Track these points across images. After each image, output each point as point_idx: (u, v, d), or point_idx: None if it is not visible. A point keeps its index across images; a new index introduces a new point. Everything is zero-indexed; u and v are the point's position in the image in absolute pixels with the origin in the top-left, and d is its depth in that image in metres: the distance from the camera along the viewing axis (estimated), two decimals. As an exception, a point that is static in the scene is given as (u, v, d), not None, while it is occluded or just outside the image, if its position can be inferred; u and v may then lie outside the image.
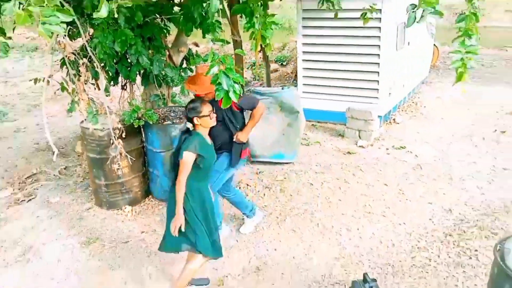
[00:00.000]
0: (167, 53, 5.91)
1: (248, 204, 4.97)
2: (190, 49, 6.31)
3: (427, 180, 5.95)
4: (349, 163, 6.55)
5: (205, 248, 3.72)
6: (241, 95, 3.70)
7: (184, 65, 6.37)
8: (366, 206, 5.39)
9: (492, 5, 19.32)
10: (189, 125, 3.80)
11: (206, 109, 3.72)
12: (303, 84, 8.23)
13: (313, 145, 7.28)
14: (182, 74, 6.11)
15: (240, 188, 5.86)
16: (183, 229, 3.59)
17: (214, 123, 3.84)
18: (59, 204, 5.77)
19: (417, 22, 3.82)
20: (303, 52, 8.06)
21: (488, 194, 5.49)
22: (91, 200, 5.76)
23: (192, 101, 3.81)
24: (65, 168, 6.77)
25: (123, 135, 4.97)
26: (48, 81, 5.04)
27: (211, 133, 3.90)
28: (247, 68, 12.71)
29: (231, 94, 3.26)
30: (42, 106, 5.01)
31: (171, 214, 3.67)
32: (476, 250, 4.45)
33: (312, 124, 8.05)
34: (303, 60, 8.12)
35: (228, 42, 4.25)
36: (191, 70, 6.31)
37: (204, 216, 3.72)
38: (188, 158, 3.56)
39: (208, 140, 3.80)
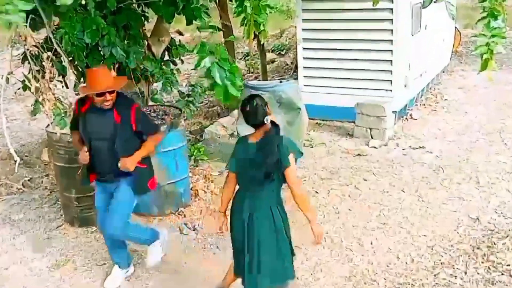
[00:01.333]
0: (146, 43, 5.90)
1: (148, 232, 4.55)
2: (172, 39, 6.29)
3: (450, 184, 5.96)
4: (360, 166, 6.55)
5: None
6: (141, 114, 3.96)
7: (166, 57, 6.36)
8: (381, 216, 5.39)
9: (521, -20, 19.41)
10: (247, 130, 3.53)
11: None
12: (305, 76, 8.24)
13: (318, 147, 7.28)
14: (164, 67, 6.10)
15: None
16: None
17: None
18: (23, 221, 5.75)
19: (434, 1, 3.84)
20: (304, 39, 8.07)
21: (521, 199, 5.52)
22: (61, 216, 5.73)
23: (249, 99, 3.47)
24: (29, 180, 6.74)
25: (96, 140, 4.95)
26: (7, 79, 5.04)
27: (98, 154, 4.05)
28: (240, 59, 12.72)
29: (231, 89, 3.25)
30: (0, 108, 4.98)
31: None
32: (508, 265, 4.45)
33: (316, 123, 8.05)
34: (304, 48, 8.13)
35: (219, 29, 4.25)
36: (175, 63, 6.30)
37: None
38: (294, 163, 3.43)
39: None
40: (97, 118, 4.04)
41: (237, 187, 3.67)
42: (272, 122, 3.48)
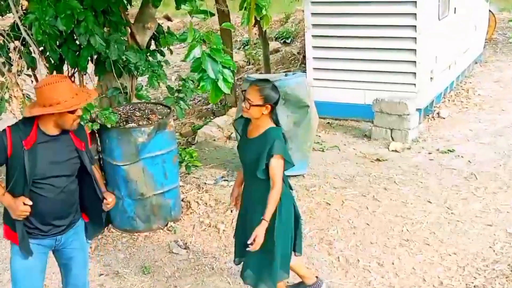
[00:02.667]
0: (129, 31, 5.92)
1: None
2: (160, 25, 6.31)
3: (485, 194, 5.96)
4: (379, 173, 6.56)
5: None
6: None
7: (153, 47, 6.38)
8: (404, 232, 5.39)
9: None
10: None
11: None
12: (314, 69, 8.26)
13: (330, 151, 7.29)
14: (150, 59, 6.12)
15: (231, 211, 5.87)
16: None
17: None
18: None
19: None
20: (313, 25, 8.09)
21: None
22: (30, 233, 5.74)
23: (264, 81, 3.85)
24: None
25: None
26: (-32, 73, 5.06)
27: (50, 198, 3.50)
28: (238, 49, 12.75)
29: (220, 84, 3.28)
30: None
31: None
32: (553, 288, 4.46)
33: (328, 122, 8.05)
34: (313, 36, 8.15)
35: (212, 14, 4.26)
36: (162, 54, 6.32)
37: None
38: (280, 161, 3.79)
39: None
40: (53, 149, 3.48)
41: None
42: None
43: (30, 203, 3.40)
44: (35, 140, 3.41)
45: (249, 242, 3.71)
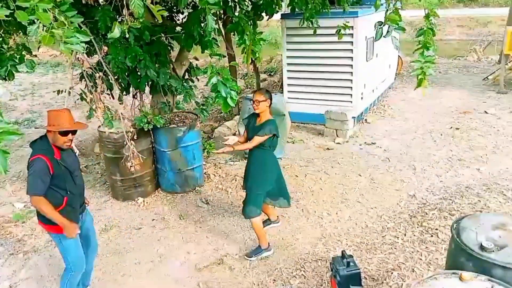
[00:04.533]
0: (171, 66, 5.88)
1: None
2: (191, 63, 6.28)
3: (394, 170, 5.99)
4: (328, 157, 6.58)
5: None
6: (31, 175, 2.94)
7: (186, 77, 6.34)
8: (343, 194, 5.42)
9: (446, 21, 19.46)
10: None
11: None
12: (288, 91, 8.23)
13: (298, 143, 7.29)
14: (185, 84, 6.09)
15: (236, 180, 5.87)
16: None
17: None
18: (81, 197, 5.74)
19: (383, 36, 3.85)
20: (288, 63, 8.06)
21: (445, 181, 5.54)
22: (109, 193, 5.73)
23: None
24: (85, 167, 6.72)
25: (135, 137, 4.95)
26: (69, 92, 5.02)
27: (76, 191, 3.26)
28: (240, 78, 12.68)
29: (229, 100, 3.27)
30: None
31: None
32: (436, 229, 4.49)
33: (297, 125, 8.05)
34: (288, 70, 8.12)
35: (224, 56, 4.26)
36: (192, 81, 6.29)
37: None
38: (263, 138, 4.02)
39: None
40: (69, 156, 3.26)
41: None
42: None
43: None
44: (59, 152, 3.15)
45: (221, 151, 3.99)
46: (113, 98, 5.56)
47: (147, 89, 5.90)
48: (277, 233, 4.63)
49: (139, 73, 5.47)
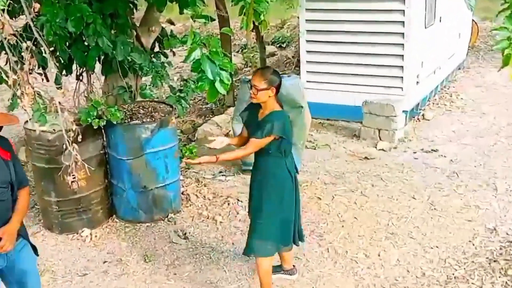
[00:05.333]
0: (135, 34, 5.90)
1: None
2: (163, 29, 6.30)
3: (465, 191, 5.97)
4: (367, 171, 6.57)
5: None
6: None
7: (157, 49, 6.36)
8: (389, 226, 5.40)
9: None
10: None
11: None
12: (307, 72, 8.25)
13: (321, 149, 7.28)
14: (154, 60, 6.10)
15: (228, 204, 5.86)
16: None
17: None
18: (-2, 227, 5.74)
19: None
20: (308, 31, 8.07)
21: (542, 208, 5.53)
22: (39, 221, 5.73)
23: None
24: (5, 182, 6.73)
25: (79, 139, 4.94)
26: (-18, 71, 5.04)
27: None
28: (237, 52, 12.72)
29: (217, 85, 3.27)
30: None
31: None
32: (528, 280, 4.46)
33: (320, 122, 8.05)
34: (307, 41, 8.13)
35: (212, 19, 4.26)
36: (166, 56, 6.30)
37: None
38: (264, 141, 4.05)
39: None
40: None
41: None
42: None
43: None
44: None
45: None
46: (48, 80, 5.57)
47: (98, 67, 5.92)
48: (290, 284, 4.62)
49: (86, 43, 5.49)
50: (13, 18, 5.31)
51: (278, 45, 12.78)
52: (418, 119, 8.08)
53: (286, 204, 4.13)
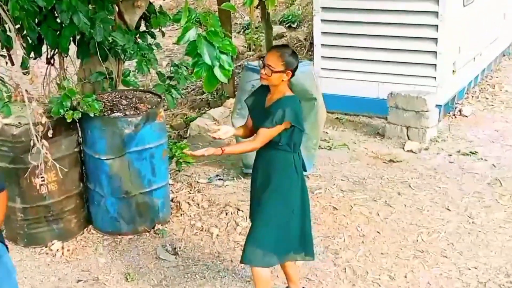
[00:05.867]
0: (117, 9, 5.91)
1: None
2: (151, 4, 6.31)
3: (510, 202, 5.96)
4: (392, 176, 6.57)
5: None
6: None
7: (143, 28, 6.37)
8: (418, 242, 5.40)
9: None
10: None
11: None
12: (322, 57, 8.25)
13: (338, 149, 7.29)
14: (140, 41, 6.11)
15: (226, 214, 5.87)
16: None
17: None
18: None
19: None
20: (323, 8, 8.08)
21: None
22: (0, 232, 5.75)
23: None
24: (-40, 184, 6.75)
25: (50, 134, 4.97)
26: None
27: None
28: (238, 33, 12.74)
29: (216, 71, 3.28)
30: None
31: None
32: None
33: (337, 117, 8.05)
34: (322, 20, 8.14)
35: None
36: (153, 36, 6.31)
37: None
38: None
39: None
40: None
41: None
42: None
43: None
44: None
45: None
46: (12, 63, 5.60)
47: (72, 48, 5.92)
48: (298, 309, 4.63)
49: (58, 21, 5.50)
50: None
51: (287, 25, 12.79)
52: (454, 115, 8.09)
53: (291, 208, 4.15)
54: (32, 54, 5.88)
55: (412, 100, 7.27)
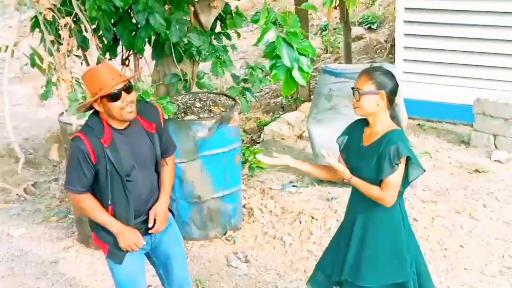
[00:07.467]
0: (192, 10, 6.00)
1: None
2: (227, 4, 6.37)
3: None
4: (478, 187, 6.45)
5: None
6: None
7: (218, 29, 6.44)
8: (505, 258, 5.28)
9: None
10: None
11: None
12: (405, 60, 8.18)
13: (420, 158, 7.18)
14: (215, 42, 6.18)
15: (300, 222, 5.88)
16: None
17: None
18: (25, 239, 5.97)
19: None
20: (406, 9, 8.01)
21: None
22: (72, 234, 5.92)
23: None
24: (34, 185, 6.97)
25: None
26: (12, 52, 5.23)
27: (135, 193, 3.65)
28: (314, 34, 12.74)
29: (295, 74, 3.29)
30: (5, 90, 5.18)
31: None
32: None
33: (418, 124, 7.96)
34: (405, 21, 8.07)
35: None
36: (229, 37, 6.36)
37: None
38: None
39: None
40: (129, 143, 3.57)
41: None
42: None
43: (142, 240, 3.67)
44: (111, 135, 3.46)
45: None
46: (88, 64, 5.75)
47: (147, 50, 6.05)
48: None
49: (134, 21, 5.63)
50: (51, -10, 5.52)
51: (366, 26, 12.71)
52: (547, 123, 7.88)
53: (402, 264, 3.72)
54: (107, 55, 6.01)
55: (500, 107, 7.12)
